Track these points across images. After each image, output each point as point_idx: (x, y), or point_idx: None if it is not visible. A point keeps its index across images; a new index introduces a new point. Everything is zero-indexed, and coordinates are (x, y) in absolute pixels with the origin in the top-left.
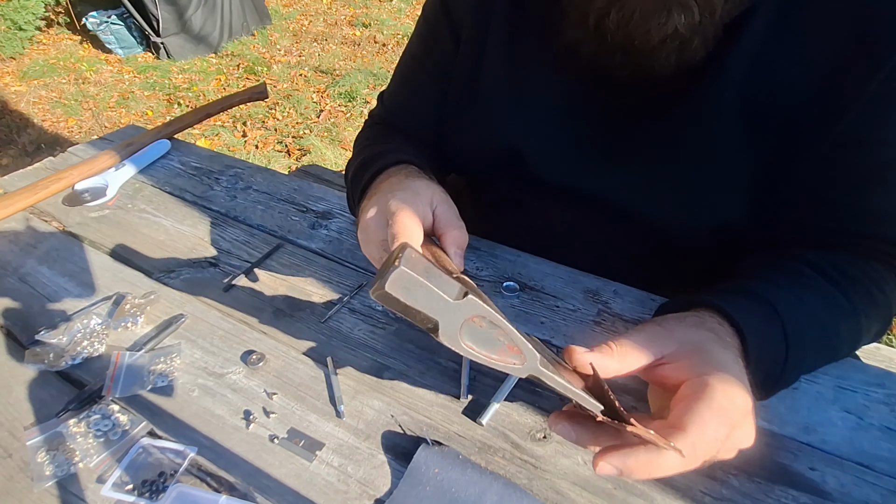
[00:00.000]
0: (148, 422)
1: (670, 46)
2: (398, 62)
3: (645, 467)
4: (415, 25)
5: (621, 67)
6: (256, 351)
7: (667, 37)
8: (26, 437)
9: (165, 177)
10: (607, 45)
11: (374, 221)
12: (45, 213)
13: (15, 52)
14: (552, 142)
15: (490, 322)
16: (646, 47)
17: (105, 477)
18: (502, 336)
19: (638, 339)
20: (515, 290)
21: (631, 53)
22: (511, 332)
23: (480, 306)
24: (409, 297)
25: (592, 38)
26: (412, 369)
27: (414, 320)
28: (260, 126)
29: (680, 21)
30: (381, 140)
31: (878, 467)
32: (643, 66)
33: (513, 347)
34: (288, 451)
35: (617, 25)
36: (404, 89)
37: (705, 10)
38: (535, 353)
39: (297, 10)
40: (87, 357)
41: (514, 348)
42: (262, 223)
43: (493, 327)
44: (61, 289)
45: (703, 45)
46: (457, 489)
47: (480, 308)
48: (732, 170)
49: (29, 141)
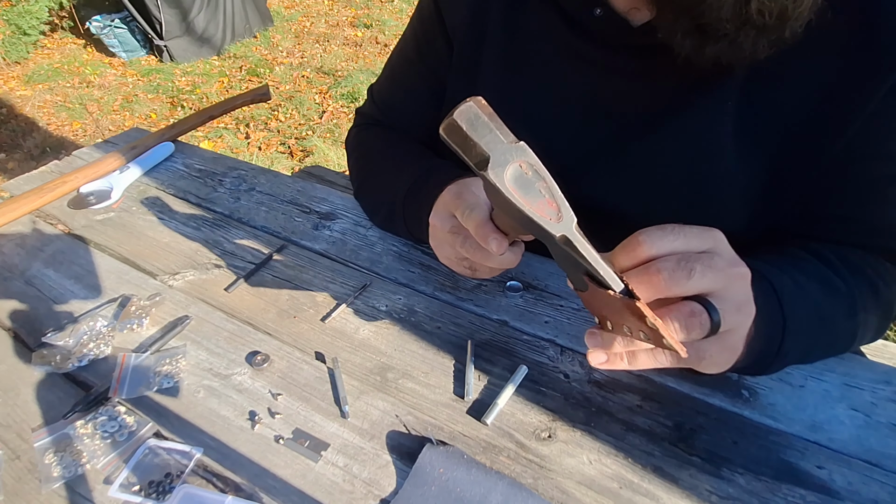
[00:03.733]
0: (154, 423)
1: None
2: (389, 59)
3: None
4: (408, 24)
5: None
6: (261, 352)
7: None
8: (34, 439)
9: (169, 179)
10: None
11: (438, 220)
12: (50, 217)
13: (20, 57)
14: (552, 148)
15: (535, 172)
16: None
17: (112, 478)
18: (544, 188)
19: None
20: (519, 289)
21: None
22: (553, 186)
23: (530, 154)
24: (471, 129)
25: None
26: (416, 369)
27: (467, 154)
28: (263, 128)
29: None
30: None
31: (886, 465)
32: (725, 53)
33: (552, 203)
34: (293, 452)
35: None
36: (395, 89)
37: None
38: (573, 215)
39: (299, 12)
40: (93, 359)
41: (553, 204)
42: (266, 224)
43: (537, 178)
44: (67, 291)
45: (768, 46)
46: (462, 489)
47: (529, 155)
48: (732, 180)
49: (34, 145)
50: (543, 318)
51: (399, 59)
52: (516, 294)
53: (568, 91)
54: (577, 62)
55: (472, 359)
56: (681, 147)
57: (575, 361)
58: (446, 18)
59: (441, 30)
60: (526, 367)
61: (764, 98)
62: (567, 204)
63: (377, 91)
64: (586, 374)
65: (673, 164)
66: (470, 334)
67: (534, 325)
